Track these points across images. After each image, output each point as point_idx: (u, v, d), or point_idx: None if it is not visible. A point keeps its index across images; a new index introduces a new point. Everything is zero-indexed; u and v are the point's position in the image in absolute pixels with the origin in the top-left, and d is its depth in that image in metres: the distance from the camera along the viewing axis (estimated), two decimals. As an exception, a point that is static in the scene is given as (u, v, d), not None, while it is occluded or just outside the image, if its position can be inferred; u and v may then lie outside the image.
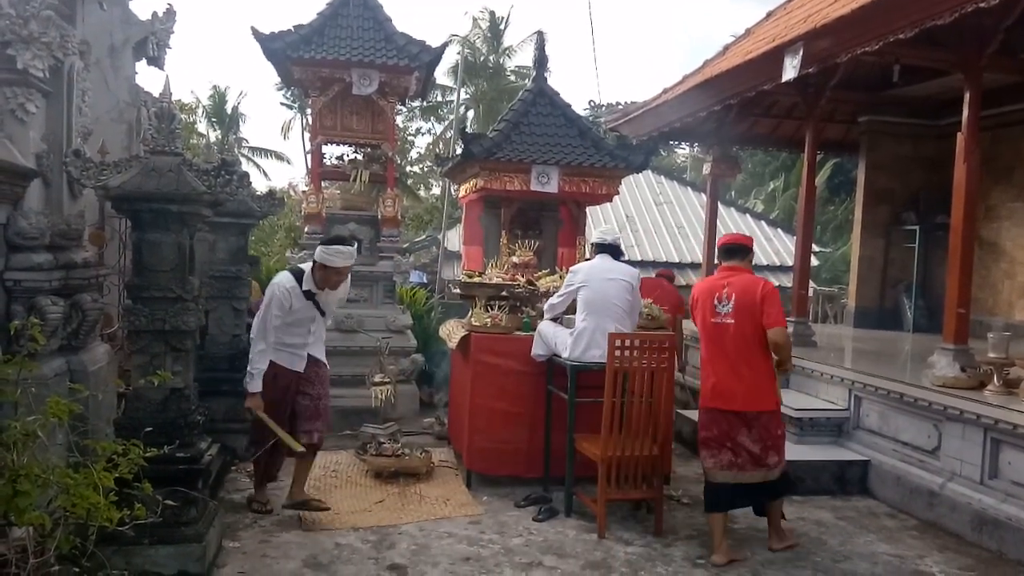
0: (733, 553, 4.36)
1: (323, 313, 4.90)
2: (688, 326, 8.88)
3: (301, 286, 4.69)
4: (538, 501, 5.15)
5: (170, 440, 3.80)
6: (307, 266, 4.80)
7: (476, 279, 5.93)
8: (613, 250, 5.25)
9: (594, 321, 4.96)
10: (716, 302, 4.40)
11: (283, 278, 4.73)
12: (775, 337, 4.29)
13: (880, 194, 9.94)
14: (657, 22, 77.07)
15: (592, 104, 27.09)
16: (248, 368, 4.66)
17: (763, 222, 17.55)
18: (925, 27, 4.94)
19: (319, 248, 4.69)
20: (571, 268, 5.38)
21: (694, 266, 14.53)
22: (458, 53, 22.10)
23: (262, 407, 4.64)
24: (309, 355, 4.87)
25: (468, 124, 24.68)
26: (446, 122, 26.91)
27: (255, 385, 4.62)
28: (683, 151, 29.12)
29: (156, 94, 4.91)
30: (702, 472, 4.59)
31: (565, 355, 5.05)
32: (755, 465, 4.36)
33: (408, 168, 26.56)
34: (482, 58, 26.76)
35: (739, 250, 4.57)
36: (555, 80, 7.60)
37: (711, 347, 4.46)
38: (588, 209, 8.16)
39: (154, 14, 6.25)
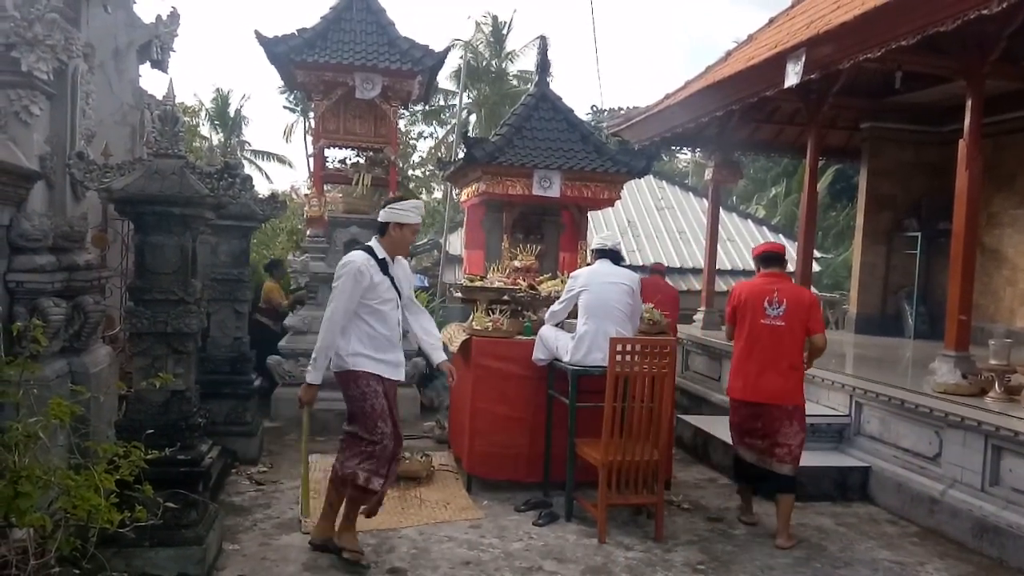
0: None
1: (399, 295, 4.36)
2: (683, 330, 8.91)
3: (376, 256, 4.21)
4: (538, 506, 5.14)
5: (171, 442, 3.80)
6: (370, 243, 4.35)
7: (478, 283, 5.94)
8: (613, 255, 5.27)
9: (595, 325, 4.97)
10: (767, 304, 4.80)
11: (354, 254, 4.23)
12: (820, 342, 4.86)
13: (882, 200, 9.94)
14: (659, 26, 77.20)
15: (594, 109, 27.12)
16: (312, 355, 4.20)
17: (764, 228, 17.53)
18: (927, 34, 4.95)
19: (387, 210, 4.26)
20: (571, 274, 5.39)
21: (695, 271, 14.52)
22: (461, 57, 22.11)
23: (314, 402, 4.34)
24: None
25: (470, 128, 24.72)
26: (448, 126, 26.95)
27: (313, 376, 4.18)
28: (685, 156, 29.15)
29: (160, 97, 4.92)
30: (732, 454, 5.19)
31: (566, 359, 5.05)
32: (788, 454, 4.81)
33: (410, 172, 26.55)
34: (485, 63, 26.82)
35: (778, 258, 5.04)
36: (557, 85, 7.63)
37: (757, 346, 4.83)
38: (590, 214, 8.17)
39: (158, 17, 6.28)
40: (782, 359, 4.75)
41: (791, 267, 14.49)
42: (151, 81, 24.99)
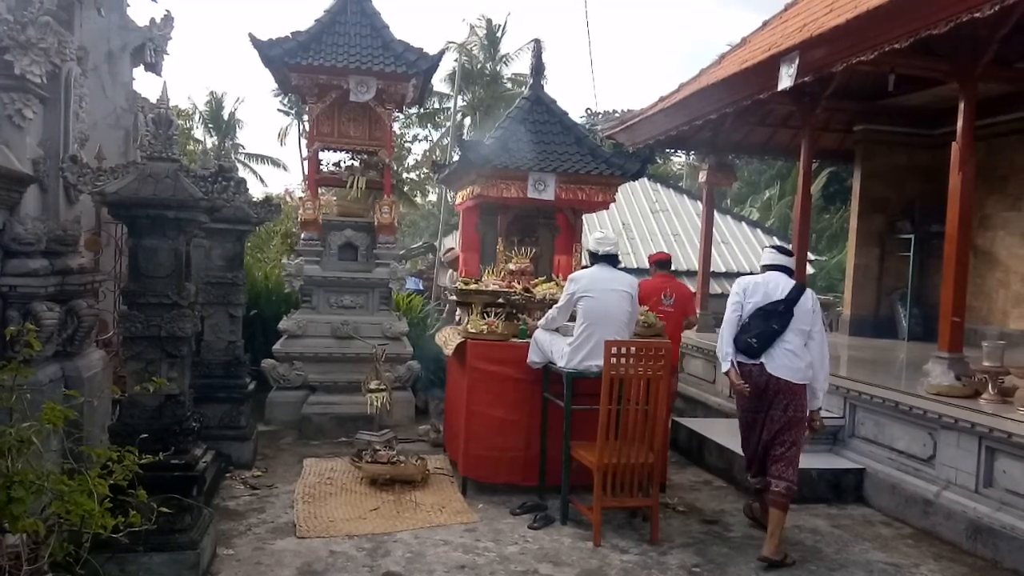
0: None
1: None
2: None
3: None
4: (534, 509, 5.14)
5: (165, 447, 3.79)
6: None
7: (472, 286, 5.93)
8: (612, 259, 5.24)
9: (593, 333, 4.93)
10: (663, 297, 6.77)
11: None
12: (694, 321, 7.57)
13: (875, 203, 9.97)
14: (654, 30, 77.41)
15: (589, 112, 27.19)
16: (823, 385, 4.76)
17: (759, 230, 17.58)
18: (920, 37, 4.97)
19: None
20: (571, 276, 5.34)
21: (690, 273, 14.54)
22: (455, 60, 22.13)
23: None
24: None
25: (465, 131, 24.74)
26: (443, 129, 26.98)
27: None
28: (679, 159, 29.23)
29: (153, 100, 4.91)
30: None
31: (562, 364, 5.02)
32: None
33: (405, 175, 26.60)
34: (479, 65, 26.87)
35: (669, 263, 7.42)
36: (552, 88, 7.68)
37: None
38: (584, 216, 8.16)
39: (152, 20, 6.26)
40: (675, 335, 6.63)
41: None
42: (145, 84, 24.96)
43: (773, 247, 4.96)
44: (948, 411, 5.03)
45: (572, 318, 5.16)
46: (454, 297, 8.41)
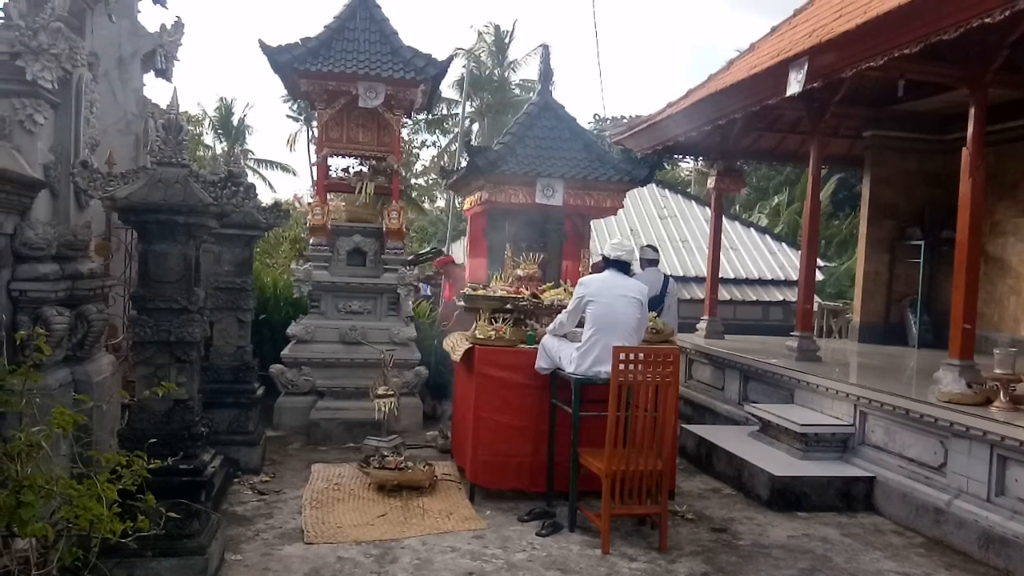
0: None
1: None
2: (686, 339, 8.89)
3: None
4: (541, 516, 5.12)
5: (173, 452, 3.80)
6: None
7: (480, 292, 5.93)
8: (623, 265, 5.23)
9: (602, 338, 4.92)
10: None
11: None
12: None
13: (885, 209, 9.93)
14: (662, 35, 77.48)
15: (597, 117, 27.22)
16: None
17: (767, 236, 17.53)
18: (930, 42, 4.95)
19: None
20: (580, 281, 5.33)
21: (698, 280, 14.50)
22: (463, 66, 22.21)
23: None
24: None
25: (473, 137, 24.80)
26: (451, 135, 27.06)
27: None
28: (687, 165, 29.22)
29: (164, 106, 4.93)
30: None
31: (570, 370, 5.02)
32: None
33: (413, 180, 26.68)
34: (487, 71, 26.93)
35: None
36: (560, 93, 7.72)
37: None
38: (592, 222, 8.17)
39: (162, 26, 6.30)
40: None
41: (794, 276, 14.54)
42: (155, 90, 25.14)
43: None
44: (959, 419, 4.99)
45: (581, 324, 5.15)
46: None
